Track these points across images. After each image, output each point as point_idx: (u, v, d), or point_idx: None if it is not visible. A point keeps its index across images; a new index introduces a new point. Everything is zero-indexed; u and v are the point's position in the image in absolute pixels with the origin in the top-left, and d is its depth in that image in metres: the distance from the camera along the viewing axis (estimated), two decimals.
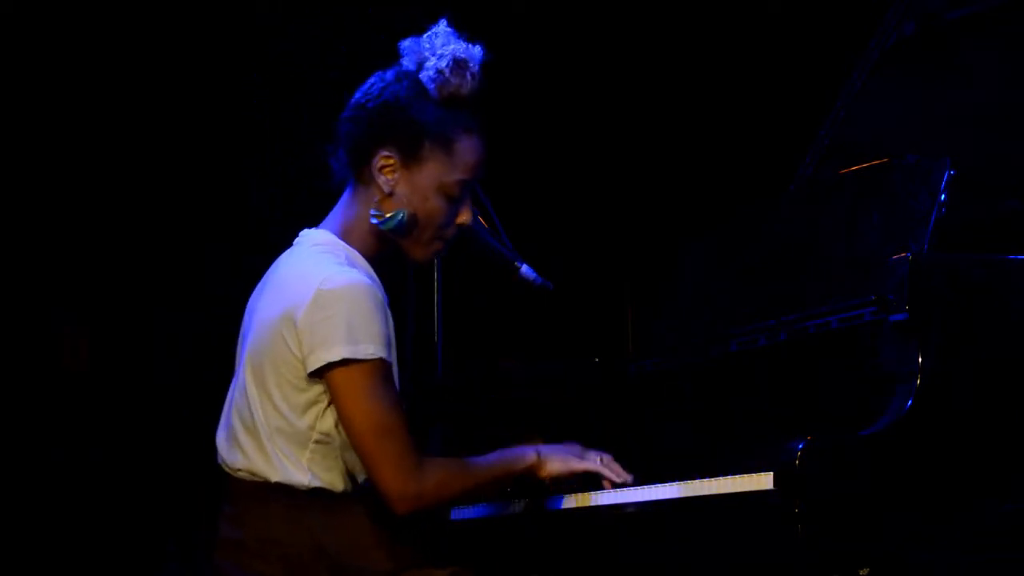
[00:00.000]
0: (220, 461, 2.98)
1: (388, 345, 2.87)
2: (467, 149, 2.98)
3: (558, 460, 3.01)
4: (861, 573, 2.62)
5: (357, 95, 3.00)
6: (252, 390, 2.92)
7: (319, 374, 2.85)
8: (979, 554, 2.73)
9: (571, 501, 3.05)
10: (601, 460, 3.03)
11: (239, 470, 2.93)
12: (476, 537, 3.32)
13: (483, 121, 3.00)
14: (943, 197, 3.02)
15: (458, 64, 2.94)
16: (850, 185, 3.29)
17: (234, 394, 2.99)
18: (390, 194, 2.96)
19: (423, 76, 2.95)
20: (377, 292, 2.90)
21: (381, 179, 2.96)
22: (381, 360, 2.84)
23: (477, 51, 2.98)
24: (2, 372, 5.28)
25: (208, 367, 5.08)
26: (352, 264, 2.95)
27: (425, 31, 3.00)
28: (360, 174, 2.99)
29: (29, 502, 5.22)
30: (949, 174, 3.04)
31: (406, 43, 3.00)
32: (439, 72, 2.93)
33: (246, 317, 3.03)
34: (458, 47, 2.96)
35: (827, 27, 5.14)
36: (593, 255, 5.51)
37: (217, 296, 5.22)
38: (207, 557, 2.97)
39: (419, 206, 2.97)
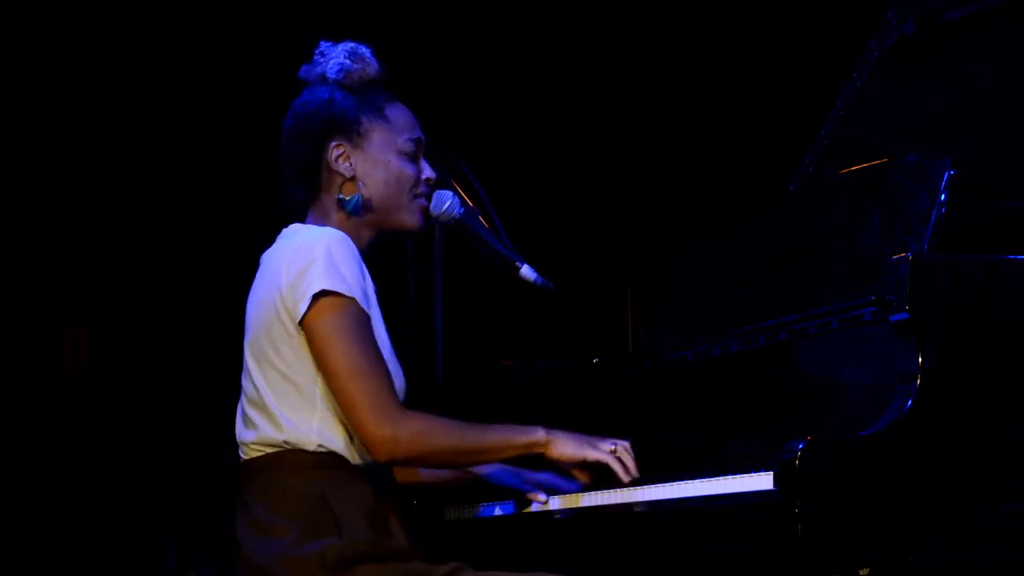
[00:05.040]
0: (240, 448, 3.05)
1: (364, 296, 2.96)
2: (398, 113, 3.17)
3: (571, 443, 3.01)
4: (861, 573, 2.62)
5: (287, 123, 3.16)
6: (254, 368, 3.01)
7: (306, 321, 2.93)
8: (979, 554, 2.73)
9: (562, 502, 3.05)
10: (615, 450, 3.02)
11: (253, 444, 3.00)
12: (472, 536, 3.32)
13: (401, 93, 3.20)
14: (943, 197, 3.02)
15: (353, 54, 3.14)
16: (850, 185, 3.29)
17: (243, 385, 3.06)
18: (352, 177, 3.12)
19: (331, 76, 3.15)
20: (352, 245, 3.01)
21: (342, 167, 3.11)
22: (355, 302, 2.93)
23: (365, 46, 3.17)
24: (2, 373, 5.28)
25: (207, 368, 5.09)
26: None
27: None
28: (320, 181, 3.13)
29: (30, 501, 5.23)
30: (949, 174, 3.04)
31: (303, 69, 3.19)
32: (341, 66, 3.14)
33: (246, 315, 3.08)
34: (345, 45, 3.16)
35: (827, 27, 5.14)
36: (593, 255, 5.51)
37: (217, 297, 5.22)
38: (216, 552, 2.99)
39: (387, 173, 3.13)
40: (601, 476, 3.03)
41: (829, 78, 3.90)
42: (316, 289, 2.91)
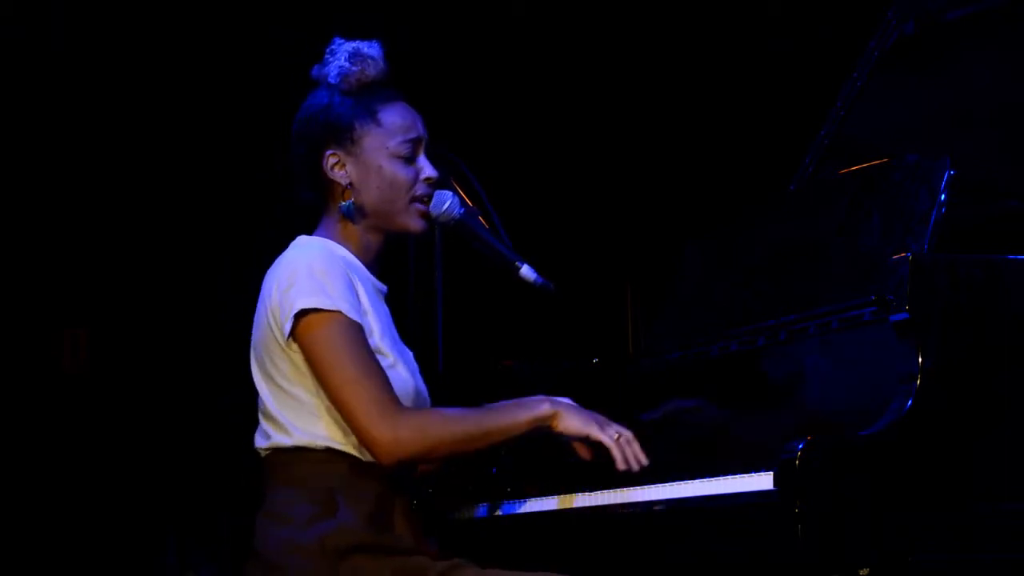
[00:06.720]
0: (258, 452, 3.09)
1: (351, 305, 2.98)
2: (393, 115, 3.16)
3: (577, 418, 3.01)
4: (861, 573, 2.62)
5: (293, 127, 3.18)
6: (260, 381, 3.06)
7: (295, 338, 2.98)
8: (979, 554, 2.73)
9: (562, 502, 3.05)
10: (619, 437, 3.01)
11: (266, 449, 3.05)
12: (473, 536, 3.32)
13: (404, 92, 3.20)
14: (943, 197, 3.02)
15: (355, 56, 3.15)
16: (850, 185, 3.29)
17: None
18: (350, 184, 3.13)
19: (331, 81, 3.15)
20: (336, 257, 3.03)
21: (338, 175, 3.13)
22: (342, 313, 2.96)
23: (373, 44, 3.18)
24: (2, 373, 5.28)
25: (208, 368, 5.09)
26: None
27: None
28: (323, 188, 3.15)
29: (30, 501, 5.22)
30: (949, 174, 3.04)
31: (315, 69, 3.20)
32: (340, 69, 3.14)
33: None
34: (350, 45, 3.16)
35: (827, 27, 5.14)
36: (593, 255, 5.51)
37: (217, 297, 5.22)
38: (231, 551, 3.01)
39: (379, 179, 3.13)
40: (602, 457, 3.01)
41: (829, 78, 3.90)
42: (298, 308, 2.95)
